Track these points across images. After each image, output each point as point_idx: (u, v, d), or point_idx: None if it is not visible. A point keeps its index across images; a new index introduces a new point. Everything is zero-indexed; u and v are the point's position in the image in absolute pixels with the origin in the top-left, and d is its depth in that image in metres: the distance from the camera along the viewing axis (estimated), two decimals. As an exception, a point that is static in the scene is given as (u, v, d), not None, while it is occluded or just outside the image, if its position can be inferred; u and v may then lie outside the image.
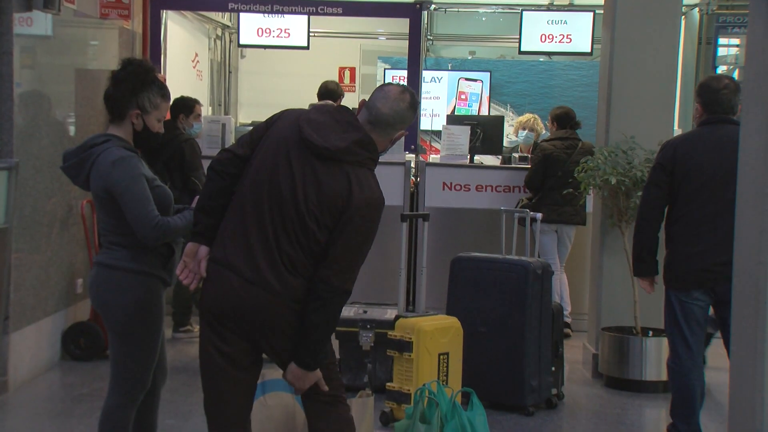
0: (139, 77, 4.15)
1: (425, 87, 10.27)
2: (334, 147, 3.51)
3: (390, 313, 6.32)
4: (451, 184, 8.17)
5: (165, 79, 8.87)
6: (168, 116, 4.36)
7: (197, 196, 3.90)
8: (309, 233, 3.52)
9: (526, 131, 8.83)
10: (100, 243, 4.24)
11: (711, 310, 5.32)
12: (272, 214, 3.54)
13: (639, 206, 5.44)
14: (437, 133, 10.23)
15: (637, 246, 5.38)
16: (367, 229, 3.56)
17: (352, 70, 12.78)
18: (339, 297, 3.53)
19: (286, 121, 3.65)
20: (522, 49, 9.53)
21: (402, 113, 3.64)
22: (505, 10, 9.79)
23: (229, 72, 12.11)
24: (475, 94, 11.69)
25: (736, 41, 9.89)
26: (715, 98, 5.23)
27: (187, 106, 7.74)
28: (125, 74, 4.13)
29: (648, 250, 5.33)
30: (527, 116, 9.05)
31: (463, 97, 11.69)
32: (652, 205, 5.30)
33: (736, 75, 9.94)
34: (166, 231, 3.98)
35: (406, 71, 9.61)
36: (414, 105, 3.69)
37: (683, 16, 8.53)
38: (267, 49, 10.68)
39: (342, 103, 11.23)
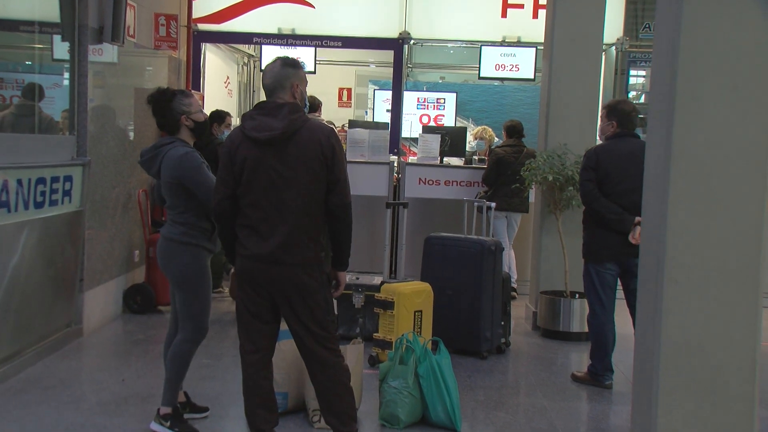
0: (162, 97, 4.21)
1: (405, 104, 10.24)
2: (284, 128, 3.46)
3: (377, 279, 6.35)
4: (425, 179, 8.17)
5: (203, 98, 8.87)
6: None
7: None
8: (316, 186, 3.50)
9: (477, 140, 8.86)
10: (166, 218, 4.29)
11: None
12: (273, 201, 3.49)
13: (583, 200, 5.32)
14: (415, 140, 10.21)
15: (607, 216, 5.14)
16: (341, 151, 3.56)
17: (349, 90, 12.71)
18: (348, 209, 3.56)
19: (240, 144, 3.54)
20: (481, 75, 9.49)
21: (278, 73, 3.57)
22: (468, 45, 9.74)
23: (253, 91, 12.05)
24: (444, 110, 11.65)
25: (643, 72, 10.04)
26: (628, 118, 5.32)
27: (220, 117, 7.76)
28: (154, 103, 4.21)
29: (614, 211, 5.12)
30: (478, 129, 9.07)
31: (435, 112, 11.66)
32: (591, 193, 5.25)
33: (643, 99, 10.07)
34: None
35: (391, 92, 9.61)
36: (286, 63, 3.61)
37: (604, 53, 8.54)
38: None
39: (338, 117, 11.21)
